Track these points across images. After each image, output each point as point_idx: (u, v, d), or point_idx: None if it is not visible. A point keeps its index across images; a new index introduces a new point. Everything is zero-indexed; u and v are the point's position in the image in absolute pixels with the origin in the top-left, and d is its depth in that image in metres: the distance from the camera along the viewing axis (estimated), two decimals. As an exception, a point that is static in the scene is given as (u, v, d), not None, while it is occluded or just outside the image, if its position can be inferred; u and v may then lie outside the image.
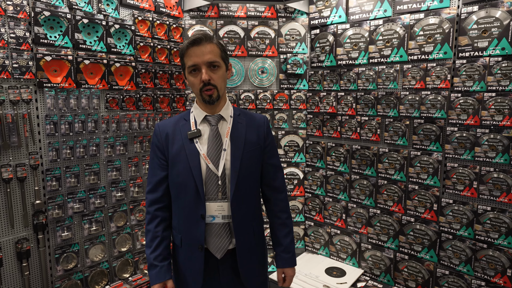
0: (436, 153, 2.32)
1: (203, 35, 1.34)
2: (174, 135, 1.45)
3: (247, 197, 1.45)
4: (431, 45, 2.28)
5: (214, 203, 1.39)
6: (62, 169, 2.18)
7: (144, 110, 2.61)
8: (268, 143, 1.53)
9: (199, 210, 1.38)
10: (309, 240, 3.10)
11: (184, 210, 1.42)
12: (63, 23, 2.11)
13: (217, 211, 1.39)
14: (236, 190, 1.39)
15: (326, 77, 2.87)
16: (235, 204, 1.40)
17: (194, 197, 1.38)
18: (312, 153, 3.02)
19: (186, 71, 1.38)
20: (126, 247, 2.54)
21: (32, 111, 2.04)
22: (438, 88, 2.28)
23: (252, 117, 1.53)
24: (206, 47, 1.33)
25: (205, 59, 1.33)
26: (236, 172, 1.39)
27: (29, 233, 2.07)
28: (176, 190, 1.43)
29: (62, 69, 2.14)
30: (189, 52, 1.34)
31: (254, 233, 1.48)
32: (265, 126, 1.53)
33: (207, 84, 1.34)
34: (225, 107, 1.48)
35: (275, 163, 1.56)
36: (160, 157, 1.46)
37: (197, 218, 1.38)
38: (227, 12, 2.91)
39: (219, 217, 1.39)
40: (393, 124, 2.50)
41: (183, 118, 1.49)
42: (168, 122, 1.49)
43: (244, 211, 1.43)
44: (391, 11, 2.47)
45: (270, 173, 1.54)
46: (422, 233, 2.40)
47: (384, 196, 2.59)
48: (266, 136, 1.52)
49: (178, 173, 1.41)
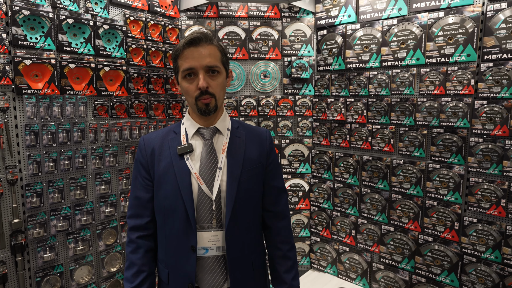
0: (457, 166, 2.09)
1: (203, 35, 1.14)
2: (162, 150, 1.24)
3: (245, 225, 1.24)
4: (452, 46, 2.06)
5: (207, 232, 1.17)
6: (44, 184, 1.99)
7: (137, 118, 2.41)
8: (271, 161, 1.32)
9: (189, 240, 1.17)
10: (315, 257, 2.88)
11: (172, 240, 1.20)
12: (45, 23, 1.92)
13: (211, 241, 1.18)
14: (233, 217, 1.18)
15: (334, 81, 2.66)
16: (232, 234, 1.18)
17: (184, 225, 1.17)
18: (319, 163, 2.80)
19: (180, 75, 1.17)
20: (116, 267, 2.34)
21: (9, 120, 1.85)
22: (460, 94, 2.05)
23: (253, 131, 1.33)
24: (205, 48, 1.14)
25: (203, 63, 1.13)
26: (233, 195, 1.18)
27: (6, 256, 1.87)
28: (163, 216, 1.22)
29: (44, 74, 1.94)
30: (185, 53, 1.13)
31: (254, 267, 1.26)
32: (267, 141, 1.33)
33: (205, 92, 1.14)
34: (222, 119, 1.27)
35: (278, 185, 1.34)
36: (144, 176, 1.25)
37: (187, 250, 1.17)
38: (227, 11, 2.71)
39: (213, 249, 1.18)
40: (409, 134, 2.28)
41: (172, 131, 1.28)
42: (155, 135, 1.28)
43: (242, 242, 1.22)
44: (406, 10, 2.25)
45: (272, 196, 1.33)
46: (442, 254, 2.17)
47: (398, 212, 2.36)
48: (268, 153, 1.31)
49: (166, 196, 1.20)
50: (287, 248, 1.33)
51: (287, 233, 1.35)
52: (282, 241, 1.33)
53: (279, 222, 1.34)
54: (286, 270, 1.30)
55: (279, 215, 1.34)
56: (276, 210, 1.34)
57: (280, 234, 1.34)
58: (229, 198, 1.18)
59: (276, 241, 1.33)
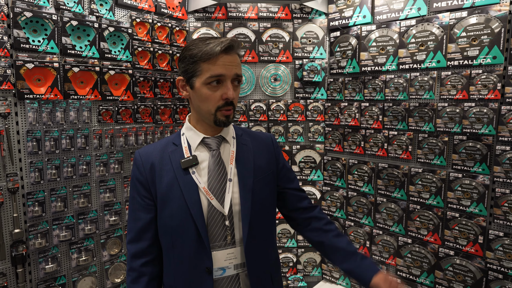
0: (481, 175, 1.96)
1: (236, 43, 1.06)
2: (162, 165, 1.12)
3: (263, 237, 1.15)
4: (476, 48, 1.93)
5: (222, 251, 1.07)
6: (46, 192, 1.91)
7: (143, 123, 2.33)
8: (282, 166, 1.27)
9: (203, 262, 1.06)
10: (327, 268, 2.76)
11: (183, 263, 1.08)
12: (48, 26, 1.85)
13: (228, 260, 1.07)
14: (250, 231, 1.08)
15: (348, 85, 2.54)
16: (251, 249, 1.08)
17: (196, 245, 1.06)
18: (331, 170, 2.68)
19: (202, 80, 1.04)
20: (120, 278, 2.25)
21: (10, 126, 1.78)
22: (485, 99, 1.92)
23: (257, 137, 1.25)
24: (234, 57, 1.07)
25: (233, 71, 1.05)
26: (248, 208, 1.09)
27: (7, 267, 1.80)
28: (170, 238, 1.10)
29: (46, 78, 1.87)
30: (221, 59, 1.03)
31: (273, 280, 1.18)
32: (274, 147, 1.27)
33: (230, 103, 1.06)
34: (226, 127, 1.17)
35: (295, 186, 1.30)
36: (144, 195, 1.13)
37: (202, 273, 1.06)
38: (236, 13, 2.62)
39: (231, 268, 1.08)
40: (428, 140, 2.15)
41: (171, 143, 1.16)
42: (152, 149, 1.16)
43: (261, 255, 1.13)
44: (426, 9, 2.13)
45: (295, 198, 1.29)
46: (464, 269, 2.04)
47: (416, 223, 2.23)
48: (277, 158, 1.26)
49: (172, 215, 1.08)
50: (334, 227, 1.27)
51: (324, 218, 1.29)
52: (327, 222, 1.27)
53: (313, 212, 1.28)
54: (347, 242, 1.23)
55: (308, 207, 1.29)
56: (304, 205, 1.29)
57: (321, 219, 1.27)
58: (244, 211, 1.08)
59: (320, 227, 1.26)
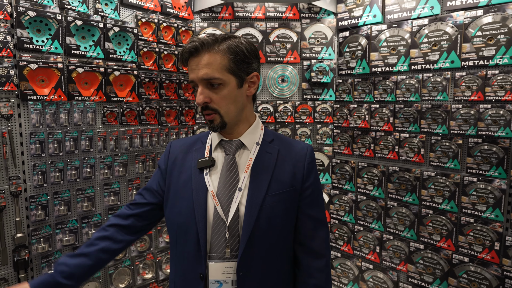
0: (498, 180, 1.89)
1: (200, 43, 0.97)
2: (184, 161, 1.11)
3: (266, 260, 1.03)
4: (492, 48, 1.87)
5: (220, 263, 1.00)
6: (49, 196, 1.87)
7: (148, 125, 2.28)
8: (309, 185, 1.09)
9: (197, 267, 1.01)
10: (335, 274, 2.69)
11: (181, 262, 1.06)
12: (52, 26, 1.81)
13: (225, 274, 1.00)
14: (248, 248, 0.99)
15: (357, 86, 2.48)
16: (245, 269, 0.99)
17: (194, 249, 1.02)
18: (340, 173, 2.62)
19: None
20: (124, 283, 2.21)
21: (13, 128, 1.74)
22: (501, 100, 1.86)
23: (290, 146, 1.12)
24: (204, 57, 0.97)
25: (199, 75, 0.97)
26: (251, 223, 0.99)
27: (9, 272, 1.76)
28: (175, 234, 1.08)
29: (50, 79, 1.83)
30: (188, 63, 1.01)
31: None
32: (306, 161, 1.10)
33: (205, 108, 1.01)
34: (250, 131, 1.09)
35: (315, 215, 1.10)
36: (159, 181, 1.15)
37: (195, 278, 1.01)
38: (243, 13, 2.57)
39: (228, 283, 1.00)
40: (441, 143, 2.09)
41: (200, 140, 1.15)
42: (183, 143, 1.18)
43: (259, 280, 1.02)
44: (439, 8, 2.07)
45: (307, 228, 1.09)
46: (479, 276, 1.97)
47: (429, 229, 2.16)
48: (306, 176, 1.08)
49: (180, 212, 1.05)
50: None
51: (323, 277, 1.08)
52: (316, 285, 1.07)
53: (313, 261, 1.08)
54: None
55: (314, 252, 1.09)
56: (310, 246, 1.09)
57: (314, 276, 1.07)
58: (246, 226, 0.99)
59: (307, 284, 1.08)
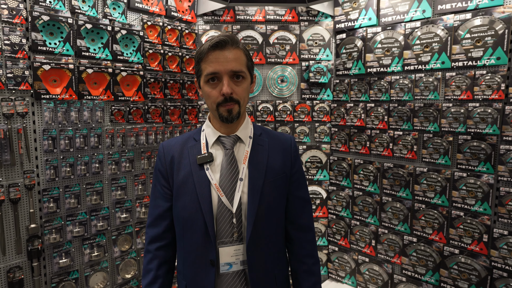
0: (486, 175, 1.98)
1: (229, 37, 1.08)
2: (181, 158, 1.19)
3: (268, 238, 1.17)
4: (480, 49, 1.96)
5: (229, 247, 1.12)
6: (61, 189, 1.98)
7: (153, 123, 2.39)
8: (296, 171, 1.25)
9: (208, 254, 1.12)
10: (333, 267, 2.79)
11: (190, 252, 1.15)
12: (64, 29, 1.92)
13: (234, 256, 1.12)
14: (254, 230, 1.12)
15: (354, 86, 2.58)
16: (253, 248, 1.12)
17: (203, 238, 1.12)
18: (337, 170, 2.72)
19: (202, 79, 1.12)
20: (131, 274, 2.31)
21: (28, 125, 1.85)
22: (489, 99, 1.95)
23: (277, 138, 1.26)
24: (231, 52, 1.08)
25: (228, 67, 1.07)
26: (254, 208, 1.12)
27: (23, 261, 1.86)
28: (182, 228, 1.17)
29: (62, 79, 1.94)
30: (210, 56, 1.07)
31: (277, 283, 1.20)
32: (292, 149, 1.25)
33: (229, 99, 1.08)
34: (244, 126, 1.21)
35: (303, 195, 1.27)
36: (164, 185, 1.21)
37: (206, 264, 1.12)
38: (244, 16, 2.68)
39: (237, 264, 1.12)
40: (433, 140, 2.18)
41: (192, 138, 1.23)
42: (174, 142, 1.24)
43: (265, 256, 1.16)
44: (430, 12, 2.17)
45: (296, 207, 1.25)
46: (469, 267, 2.06)
47: (421, 222, 2.26)
48: (293, 162, 1.24)
49: (184, 206, 1.15)
50: (312, 262, 1.25)
51: (312, 247, 1.27)
52: (307, 255, 1.25)
53: (303, 234, 1.26)
54: (310, 286, 1.23)
55: (303, 227, 1.26)
56: (300, 222, 1.26)
57: (304, 248, 1.26)
58: (251, 211, 1.12)
59: (300, 255, 1.26)
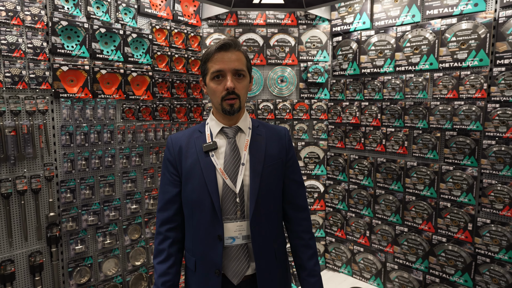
0: (470, 168, 2.14)
1: (233, 42, 1.26)
2: (188, 148, 1.36)
3: (268, 216, 1.34)
4: (465, 52, 2.12)
5: (233, 223, 1.28)
6: (77, 181, 2.14)
7: (161, 120, 2.56)
8: (290, 157, 1.42)
9: (216, 230, 1.28)
10: (330, 257, 2.94)
11: (200, 230, 1.31)
12: (80, 33, 2.09)
13: (237, 231, 1.28)
14: (256, 209, 1.28)
15: (349, 86, 2.74)
16: (255, 224, 1.28)
17: (211, 216, 1.28)
18: (334, 165, 2.87)
19: (209, 77, 1.29)
20: (140, 261, 2.47)
21: (48, 121, 2.01)
22: (472, 98, 2.11)
23: (272, 129, 1.44)
24: (234, 53, 1.27)
25: (231, 66, 1.26)
26: (256, 189, 1.29)
27: (42, 246, 2.02)
28: (191, 208, 1.33)
29: (78, 79, 2.11)
30: (216, 56, 1.26)
31: (276, 256, 1.36)
32: (286, 138, 1.43)
33: (231, 92, 1.26)
34: (243, 119, 1.38)
35: (297, 179, 1.44)
36: (172, 172, 1.37)
37: (214, 239, 1.28)
38: (246, 20, 2.84)
39: (240, 238, 1.29)
40: (422, 136, 2.34)
41: (197, 130, 1.40)
42: (181, 135, 1.41)
43: (265, 232, 1.32)
44: (419, 16, 2.32)
45: (292, 190, 1.43)
46: (455, 254, 2.21)
47: (412, 213, 2.41)
48: (288, 149, 1.41)
49: (193, 189, 1.31)
50: (308, 237, 1.43)
51: (308, 224, 1.45)
52: (303, 231, 1.43)
53: (299, 213, 1.44)
54: (308, 257, 1.41)
55: (299, 207, 1.44)
56: (296, 202, 1.43)
57: (301, 225, 1.43)
58: (253, 192, 1.28)
59: (297, 231, 1.44)
